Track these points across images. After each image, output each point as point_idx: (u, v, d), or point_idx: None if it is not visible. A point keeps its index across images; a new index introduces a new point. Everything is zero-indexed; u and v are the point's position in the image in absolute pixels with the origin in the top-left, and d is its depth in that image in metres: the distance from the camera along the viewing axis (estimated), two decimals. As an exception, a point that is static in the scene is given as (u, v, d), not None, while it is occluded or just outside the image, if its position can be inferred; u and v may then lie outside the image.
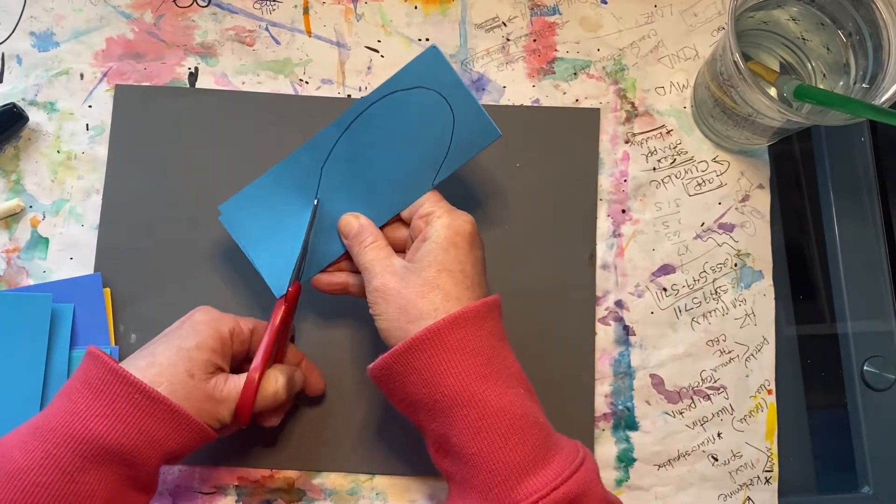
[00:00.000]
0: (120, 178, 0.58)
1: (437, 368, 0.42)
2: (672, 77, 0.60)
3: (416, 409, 0.44)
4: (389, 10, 0.60)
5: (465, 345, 0.42)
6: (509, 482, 0.40)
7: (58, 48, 0.59)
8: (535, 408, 0.43)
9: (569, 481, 0.40)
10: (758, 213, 0.58)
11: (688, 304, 0.57)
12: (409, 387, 0.43)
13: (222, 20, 0.60)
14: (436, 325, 0.42)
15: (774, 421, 0.56)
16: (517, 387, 0.43)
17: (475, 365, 0.42)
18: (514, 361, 0.45)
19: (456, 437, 0.41)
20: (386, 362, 0.43)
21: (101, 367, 0.43)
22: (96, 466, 0.41)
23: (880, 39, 0.50)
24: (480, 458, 0.41)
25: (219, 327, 0.47)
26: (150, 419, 0.42)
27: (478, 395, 0.41)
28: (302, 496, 0.54)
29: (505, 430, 0.41)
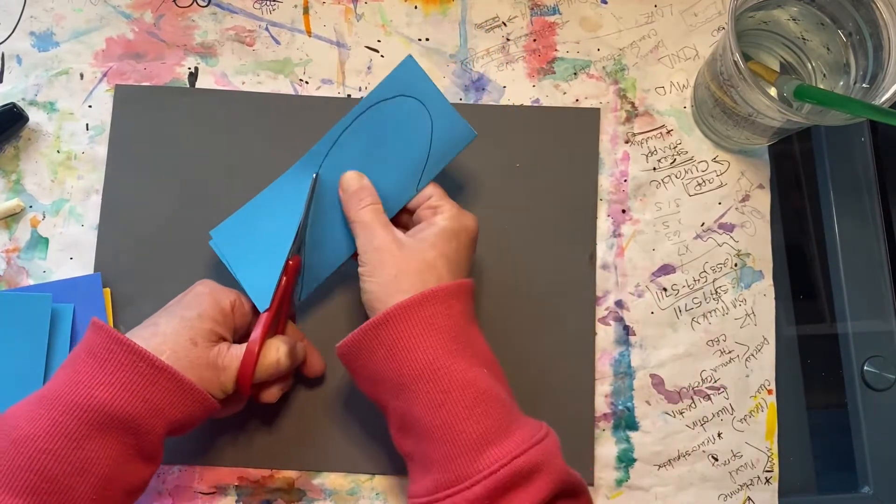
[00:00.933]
0: (120, 178, 0.58)
1: (406, 343, 0.43)
2: (672, 77, 0.60)
3: (380, 387, 0.44)
4: (389, 10, 0.60)
5: (434, 321, 0.43)
6: (470, 454, 0.40)
7: (58, 48, 0.59)
8: (500, 387, 0.44)
9: (528, 452, 0.40)
10: (758, 213, 0.58)
11: (688, 304, 0.57)
12: (376, 362, 0.44)
13: (222, 20, 0.60)
14: (408, 301, 0.43)
15: (774, 421, 0.56)
16: (482, 367, 0.44)
17: (443, 340, 0.43)
18: (484, 343, 0.46)
19: (419, 410, 0.42)
20: (355, 337, 0.44)
21: (105, 337, 0.43)
22: (101, 434, 0.41)
23: (880, 39, 0.50)
24: (442, 430, 0.41)
25: (220, 298, 0.48)
26: (153, 387, 0.42)
27: (443, 368, 0.42)
28: (302, 496, 0.54)
29: (469, 403, 0.41)
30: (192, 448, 0.54)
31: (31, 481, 0.40)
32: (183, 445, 0.54)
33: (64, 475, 0.40)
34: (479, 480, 0.40)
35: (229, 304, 0.48)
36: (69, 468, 0.40)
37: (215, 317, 0.47)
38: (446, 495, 0.40)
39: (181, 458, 0.54)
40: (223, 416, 0.49)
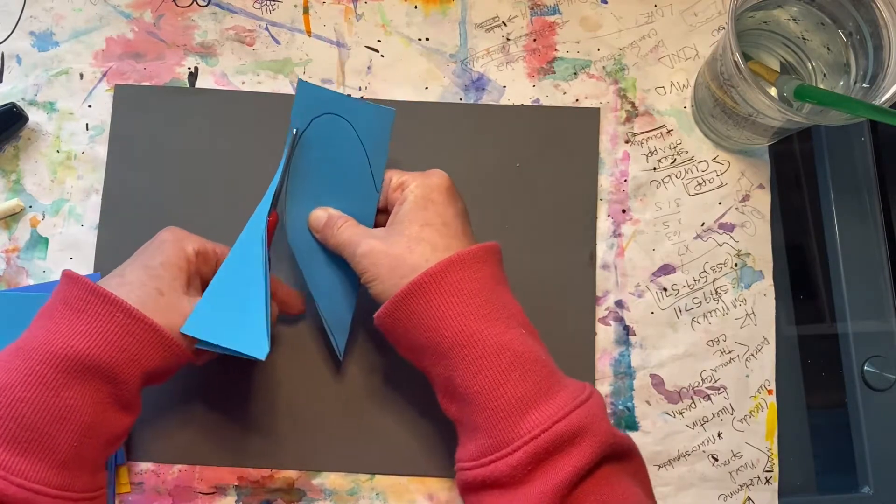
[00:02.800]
0: (120, 178, 0.58)
1: (436, 311, 0.42)
2: (672, 77, 0.60)
3: (421, 355, 0.44)
4: (389, 9, 0.60)
5: (462, 287, 0.42)
6: (512, 418, 0.40)
7: (58, 48, 0.59)
8: (537, 347, 0.43)
9: (571, 415, 0.40)
10: (758, 212, 0.58)
11: (688, 304, 0.57)
12: (412, 332, 0.43)
13: (222, 20, 0.60)
14: (432, 269, 0.43)
15: (774, 421, 0.56)
16: (517, 328, 0.43)
17: (473, 306, 0.42)
18: (516, 304, 0.45)
19: (459, 378, 0.42)
20: (388, 309, 0.44)
21: (80, 288, 0.43)
22: (79, 382, 0.41)
23: (880, 39, 0.50)
24: (482, 396, 0.41)
25: (184, 246, 0.47)
26: (130, 337, 0.43)
27: (476, 334, 0.42)
28: (302, 496, 0.54)
29: (505, 367, 0.41)
30: (192, 448, 0.54)
31: (9, 429, 0.40)
32: (183, 445, 0.54)
33: (43, 423, 0.40)
34: (521, 446, 0.39)
35: (193, 251, 0.47)
36: (48, 416, 0.40)
37: (179, 265, 0.46)
38: (490, 461, 0.40)
39: (181, 458, 0.54)
40: (202, 363, 0.49)
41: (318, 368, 0.55)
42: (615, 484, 0.40)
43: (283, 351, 0.55)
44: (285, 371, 0.55)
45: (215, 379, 0.55)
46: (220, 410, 0.55)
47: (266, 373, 0.55)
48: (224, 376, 0.55)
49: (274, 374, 0.55)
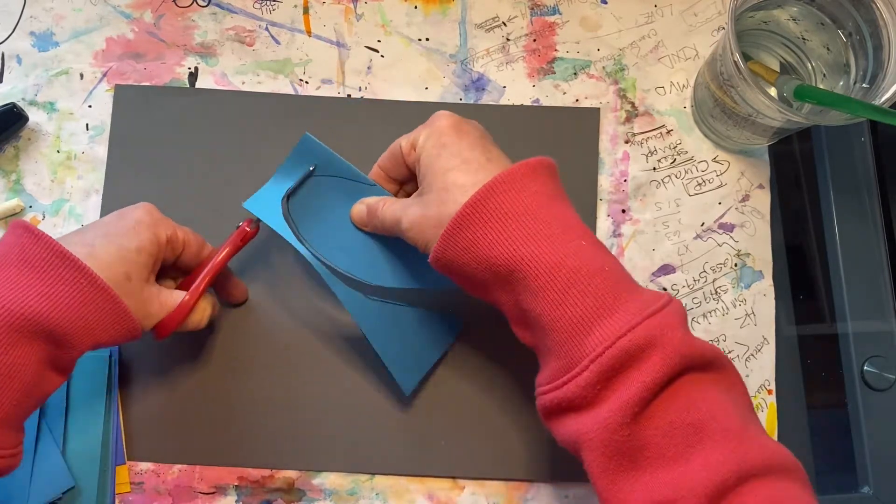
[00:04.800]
0: (120, 178, 0.58)
1: (484, 240, 0.41)
2: (672, 77, 0.60)
3: (486, 288, 0.43)
4: (389, 9, 0.60)
5: (505, 209, 0.41)
6: (577, 337, 0.38)
7: (58, 48, 0.59)
8: (598, 259, 0.40)
9: (637, 328, 0.37)
10: (758, 213, 0.58)
11: (688, 304, 0.57)
12: (468, 267, 0.42)
13: (222, 20, 0.60)
14: (471, 200, 0.41)
15: (774, 421, 0.56)
16: (576, 240, 0.40)
17: (520, 227, 0.40)
18: (573, 216, 0.42)
19: (524, 302, 0.40)
20: (438, 251, 0.43)
21: (43, 247, 0.42)
22: (28, 343, 0.40)
23: (880, 39, 0.50)
24: (546, 318, 0.39)
25: (158, 232, 0.47)
26: (91, 307, 0.42)
27: (527, 256, 0.40)
28: (302, 496, 0.54)
29: (562, 286, 0.39)
30: (192, 448, 0.54)
31: None
32: (183, 445, 0.54)
33: None
34: (587, 365, 0.37)
35: (165, 238, 0.47)
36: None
37: (151, 251, 0.46)
38: (561, 383, 0.39)
39: (181, 458, 0.54)
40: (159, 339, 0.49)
41: (318, 369, 0.55)
42: (696, 397, 0.37)
43: (283, 351, 0.55)
44: (285, 371, 0.55)
45: (215, 379, 0.55)
46: (220, 410, 0.55)
47: (267, 373, 0.55)
48: (224, 376, 0.55)
49: (274, 374, 0.55)
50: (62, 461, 0.52)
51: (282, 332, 0.56)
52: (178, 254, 0.49)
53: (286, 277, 0.56)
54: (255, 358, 0.55)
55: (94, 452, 0.52)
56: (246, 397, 0.55)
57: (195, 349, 0.55)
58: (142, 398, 0.55)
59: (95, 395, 0.53)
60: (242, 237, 0.51)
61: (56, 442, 0.52)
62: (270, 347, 0.55)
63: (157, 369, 0.55)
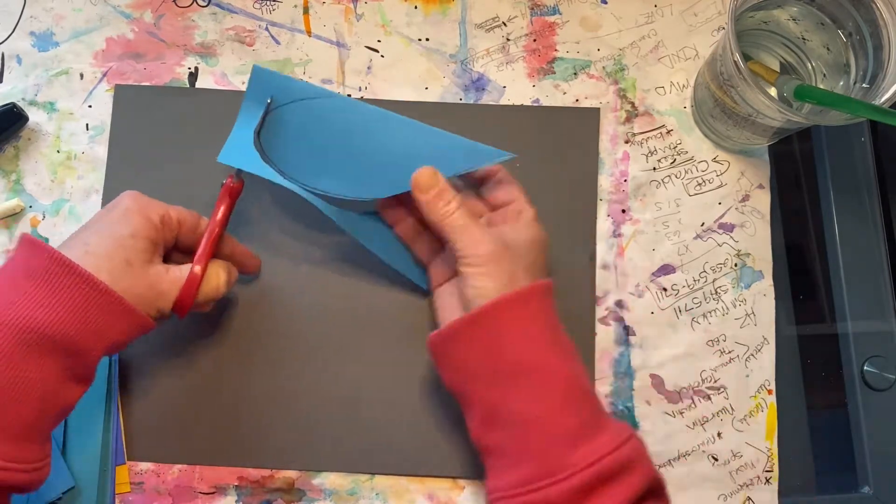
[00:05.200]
0: (120, 178, 0.58)
1: (512, 336, 0.43)
2: (672, 77, 0.60)
3: (472, 379, 0.45)
4: (389, 9, 0.60)
5: (538, 315, 0.44)
6: (566, 447, 0.41)
7: (58, 48, 0.59)
8: (588, 381, 0.45)
9: (622, 448, 0.41)
10: (758, 213, 0.58)
11: (688, 304, 0.57)
12: (473, 353, 0.44)
13: (222, 20, 0.60)
14: (513, 295, 0.44)
15: (774, 421, 0.56)
16: (575, 361, 0.45)
17: (545, 334, 0.44)
18: (568, 338, 0.46)
19: (516, 402, 0.43)
20: (455, 328, 0.45)
21: (43, 257, 0.42)
22: (40, 356, 0.40)
23: (880, 39, 0.50)
24: (540, 423, 0.42)
25: (149, 215, 0.46)
26: (94, 310, 0.42)
27: (545, 360, 0.43)
28: (302, 496, 0.54)
29: (566, 395, 0.43)
30: (192, 448, 0.54)
31: None
32: (183, 445, 0.54)
33: (2, 397, 0.39)
34: (575, 473, 0.40)
35: (159, 219, 0.47)
36: (7, 390, 0.40)
37: (147, 234, 0.46)
38: (537, 487, 0.41)
39: (181, 458, 0.54)
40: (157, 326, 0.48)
41: (318, 368, 0.55)
42: None
43: (284, 351, 0.55)
44: (285, 371, 0.55)
45: (215, 379, 0.55)
46: (220, 410, 0.55)
47: (266, 373, 0.55)
48: (224, 377, 0.55)
49: (274, 373, 0.55)
50: (62, 461, 0.52)
51: (282, 332, 0.56)
52: (175, 233, 0.48)
53: (285, 277, 0.56)
54: (255, 358, 0.55)
55: (94, 452, 0.52)
56: (246, 397, 0.55)
57: (196, 350, 0.55)
58: (142, 398, 0.55)
59: (95, 395, 0.53)
60: (230, 193, 0.50)
61: (56, 442, 0.52)
62: (270, 347, 0.55)
63: (157, 369, 0.55)
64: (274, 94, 0.51)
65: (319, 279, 0.56)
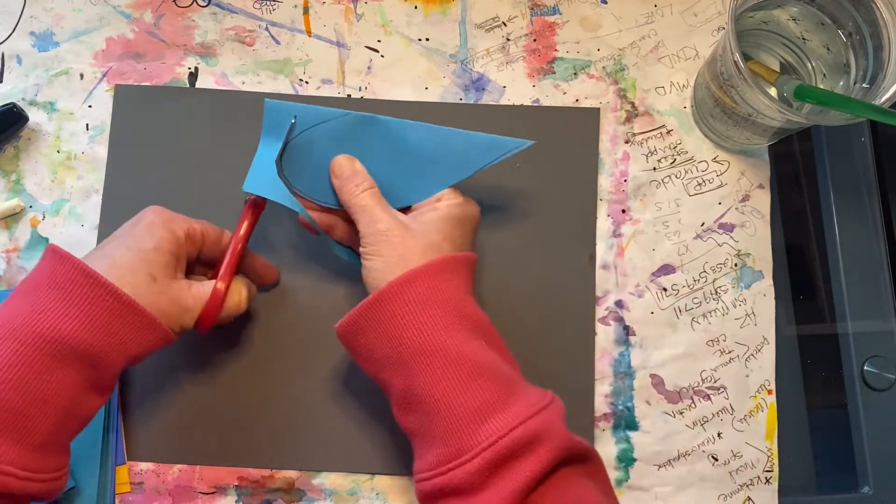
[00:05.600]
0: (120, 178, 0.58)
1: (402, 320, 0.43)
2: (672, 77, 0.60)
3: (381, 366, 0.45)
4: (389, 10, 0.60)
5: (428, 297, 0.43)
6: (471, 426, 0.41)
7: (58, 48, 0.59)
8: (499, 357, 0.44)
9: (528, 422, 0.40)
10: (758, 213, 0.58)
11: (688, 304, 0.57)
12: (375, 341, 0.44)
13: (222, 20, 0.60)
14: (400, 279, 0.43)
15: (774, 421, 0.56)
16: (479, 338, 0.44)
17: (437, 316, 0.43)
18: (481, 314, 0.46)
19: (419, 386, 0.42)
20: (353, 317, 0.45)
21: (69, 268, 0.42)
22: (63, 366, 0.41)
23: (880, 39, 0.50)
24: (442, 404, 0.42)
25: (174, 229, 0.47)
26: (118, 322, 0.42)
27: (438, 344, 0.42)
28: (302, 496, 0.54)
29: (465, 377, 0.42)
30: (192, 448, 0.54)
31: None
32: (183, 445, 0.54)
33: (23, 405, 0.40)
34: (478, 453, 0.40)
35: (183, 234, 0.47)
36: (28, 399, 0.40)
37: (171, 249, 0.46)
38: (448, 469, 0.41)
39: (181, 458, 0.54)
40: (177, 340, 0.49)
41: (318, 368, 0.55)
42: (572, 485, 0.41)
43: (284, 351, 0.55)
44: (285, 371, 0.55)
45: (215, 379, 0.55)
46: (220, 410, 0.55)
47: (266, 373, 0.55)
48: (224, 377, 0.55)
49: (274, 374, 0.55)
50: (62, 461, 0.52)
51: (282, 333, 0.56)
52: (199, 247, 0.49)
53: (285, 278, 0.56)
54: (255, 358, 0.55)
55: (94, 452, 0.52)
56: (246, 397, 0.55)
57: (195, 350, 0.55)
58: (142, 398, 0.55)
59: (95, 395, 0.53)
60: (254, 208, 0.50)
61: (56, 442, 0.52)
62: (270, 348, 0.56)
63: (157, 370, 0.55)
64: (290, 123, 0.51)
65: (319, 279, 0.56)
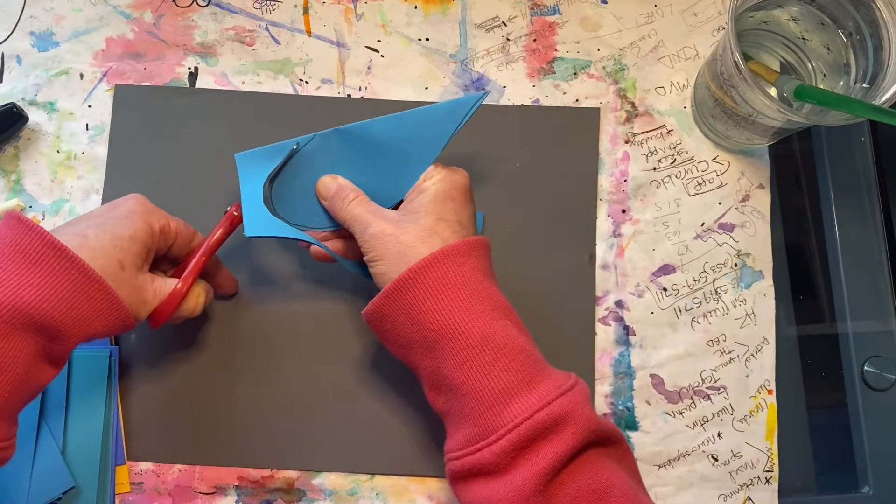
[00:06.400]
0: (120, 178, 0.58)
1: (423, 305, 0.43)
2: (672, 77, 0.60)
3: (409, 349, 0.45)
4: (389, 9, 0.60)
5: (447, 281, 0.43)
6: (496, 407, 0.41)
7: (58, 48, 0.59)
8: (522, 338, 0.44)
9: (552, 403, 0.40)
10: (758, 213, 0.58)
11: (688, 304, 0.57)
12: (400, 326, 0.44)
13: (222, 20, 0.60)
14: (417, 265, 0.43)
15: (774, 421, 0.56)
16: (502, 319, 0.44)
17: (458, 299, 0.43)
18: (502, 297, 0.46)
19: (445, 369, 0.43)
20: (376, 305, 0.45)
21: (35, 238, 0.41)
22: (21, 335, 0.40)
23: (880, 39, 0.50)
24: (468, 386, 0.42)
25: (151, 222, 0.47)
26: (83, 298, 0.42)
27: (461, 326, 0.42)
28: (302, 496, 0.54)
29: (489, 358, 0.42)
30: (192, 448, 0.54)
31: None
32: (183, 445, 0.54)
33: None
34: (504, 434, 0.40)
35: (158, 228, 0.47)
36: None
37: (145, 241, 0.46)
38: (476, 449, 0.41)
39: (181, 458, 0.54)
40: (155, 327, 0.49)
41: (318, 368, 0.55)
42: (598, 468, 0.41)
43: (284, 351, 0.55)
44: (285, 371, 0.55)
45: (215, 379, 0.55)
46: (220, 410, 0.55)
47: (266, 373, 0.55)
48: (224, 377, 0.55)
49: (274, 374, 0.55)
50: (62, 461, 0.52)
51: (282, 333, 0.56)
52: (170, 244, 0.49)
53: (286, 278, 0.56)
54: (255, 358, 0.55)
55: (94, 452, 0.52)
56: (246, 397, 0.55)
57: (195, 349, 0.55)
58: (142, 398, 0.55)
59: (95, 395, 0.53)
60: (231, 221, 0.51)
61: (56, 442, 0.52)
62: (270, 348, 0.56)
63: (156, 370, 0.55)
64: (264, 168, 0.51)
65: (319, 280, 0.56)
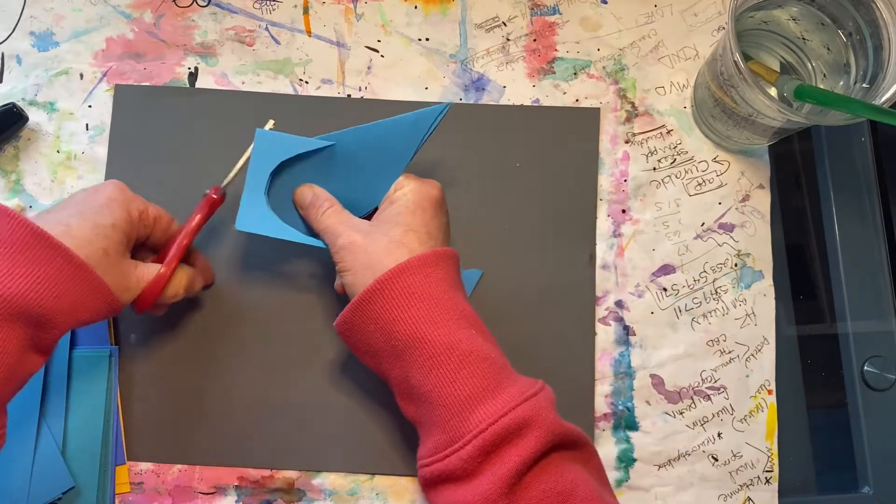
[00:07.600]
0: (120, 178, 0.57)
1: (390, 315, 0.44)
2: (672, 77, 0.60)
3: (379, 359, 0.46)
4: (389, 9, 0.60)
5: (413, 291, 0.44)
6: (463, 413, 0.42)
7: (58, 48, 0.59)
8: (487, 345, 0.45)
9: (517, 408, 0.41)
10: (758, 213, 0.58)
11: (688, 304, 0.57)
12: (369, 336, 0.45)
13: (222, 20, 0.60)
14: (383, 276, 0.44)
15: (774, 421, 0.56)
16: (468, 328, 0.45)
17: (424, 308, 0.44)
18: (467, 306, 0.46)
19: (414, 378, 0.44)
20: (346, 316, 0.46)
21: (20, 228, 0.41)
22: (9, 325, 0.40)
23: (880, 39, 0.50)
24: (435, 393, 0.43)
25: (131, 208, 0.47)
26: (70, 285, 0.42)
27: (427, 335, 0.43)
28: (302, 496, 0.54)
29: (455, 366, 0.43)
30: (192, 448, 0.54)
31: None
32: (183, 445, 0.54)
33: None
34: (470, 440, 0.41)
35: (138, 214, 0.48)
36: None
37: (126, 229, 0.46)
38: (444, 455, 0.42)
39: (181, 458, 0.54)
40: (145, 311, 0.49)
41: (319, 369, 0.55)
42: (563, 470, 0.41)
43: (284, 351, 0.55)
44: (285, 371, 0.55)
45: (215, 379, 0.55)
46: (220, 410, 0.55)
47: (266, 373, 0.55)
48: (224, 377, 0.55)
49: (274, 374, 0.55)
50: (62, 461, 0.52)
51: (282, 333, 0.56)
52: (149, 231, 0.49)
53: (286, 278, 0.56)
54: (255, 358, 0.55)
55: (94, 452, 0.52)
56: (246, 397, 0.55)
57: (195, 350, 0.55)
58: (142, 398, 0.55)
59: (95, 395, 0.53)
60: (210, 205, 0.51)
61: (56, 442, 0.52)
62: (271, 348, 0.56)
63: (156, 370, 0.55)
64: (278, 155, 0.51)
65: (319, 281, 0.56)
